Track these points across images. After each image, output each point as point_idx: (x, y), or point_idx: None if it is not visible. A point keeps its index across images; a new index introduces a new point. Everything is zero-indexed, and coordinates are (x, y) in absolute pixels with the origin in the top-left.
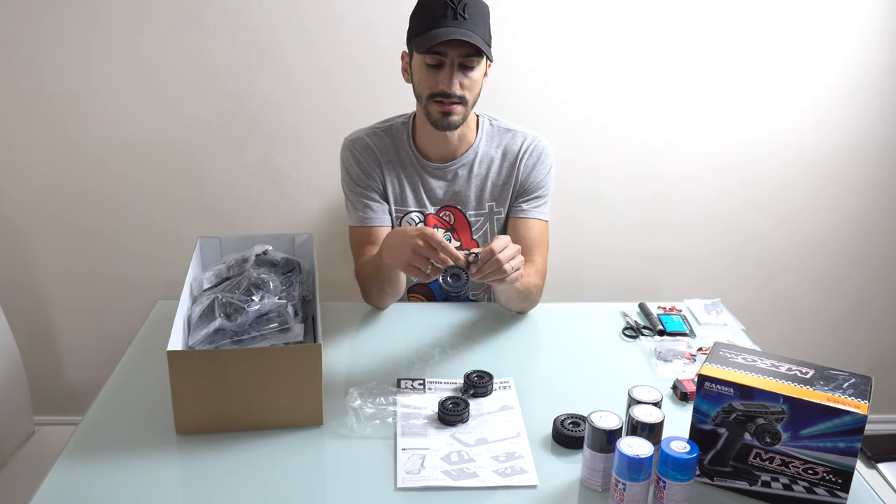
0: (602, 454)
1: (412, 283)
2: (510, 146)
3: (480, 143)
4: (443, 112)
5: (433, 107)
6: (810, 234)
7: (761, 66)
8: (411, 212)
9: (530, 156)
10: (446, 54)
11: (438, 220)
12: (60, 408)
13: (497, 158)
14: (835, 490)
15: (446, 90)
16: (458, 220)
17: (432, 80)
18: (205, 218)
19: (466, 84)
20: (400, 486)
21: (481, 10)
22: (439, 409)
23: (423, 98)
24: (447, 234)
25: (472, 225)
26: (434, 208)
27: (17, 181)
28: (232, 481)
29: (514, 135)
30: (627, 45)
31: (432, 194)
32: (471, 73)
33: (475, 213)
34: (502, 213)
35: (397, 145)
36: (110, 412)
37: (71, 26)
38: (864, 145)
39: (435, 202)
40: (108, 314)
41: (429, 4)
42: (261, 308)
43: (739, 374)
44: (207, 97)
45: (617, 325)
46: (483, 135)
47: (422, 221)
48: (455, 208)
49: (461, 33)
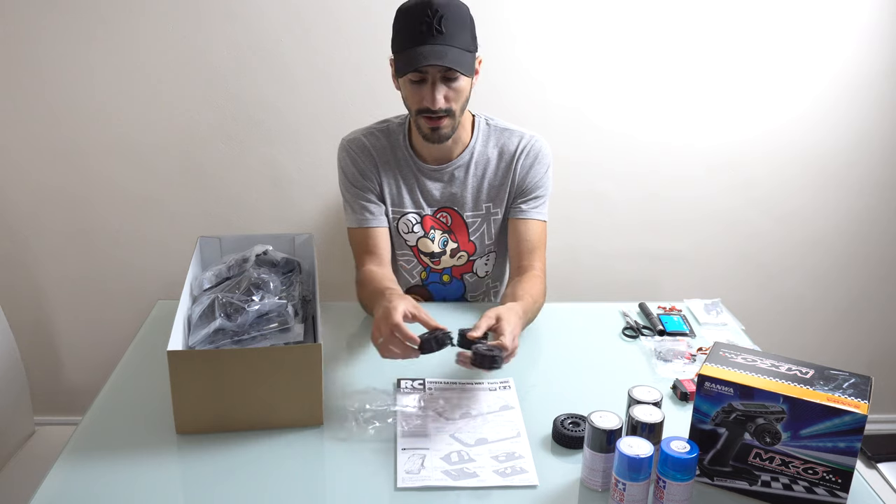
0: (602, 454)
1: (409, 283)
2: (506, 146)
3: (476, 144)
4: (431, 128)
5: (422, 122)
6: (810, 233)
7: (761, 67)
8: (408, 213)
9: (527, 156)
10: (427, 72)
11: (435, 221)
12: (60, 408)
13: (493, 159)
14: (835, 490)
15: (431, 107)
16: (455, 221)
17: (417, 97)
18: (205, 218)
19: (451, 96)
20: (400, 486)
21: (459, 17)
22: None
23: (412, 112)
24: (444, 237)
25: (469, 226)
26: (431, 210)
27: (17, 181)
28: (232, 481)
29: (511, 134)
30: (627, 45)
31: (429, 195)
32: (454, 85)
33: (472, 214)
34: (499, 214)
35: (394, 146)
36: (110, 412)
37: (71, 27)
38: (864, 145)
39: (432, 203)
40: (108, 314)
41: (406, 19)
42: (261, 308)
43: (739, 374)
44: (207, 97)
45: (617, 325)
46: (479, 134)
47: (419, 223)
48: (452, 209)
49: (438, 52)
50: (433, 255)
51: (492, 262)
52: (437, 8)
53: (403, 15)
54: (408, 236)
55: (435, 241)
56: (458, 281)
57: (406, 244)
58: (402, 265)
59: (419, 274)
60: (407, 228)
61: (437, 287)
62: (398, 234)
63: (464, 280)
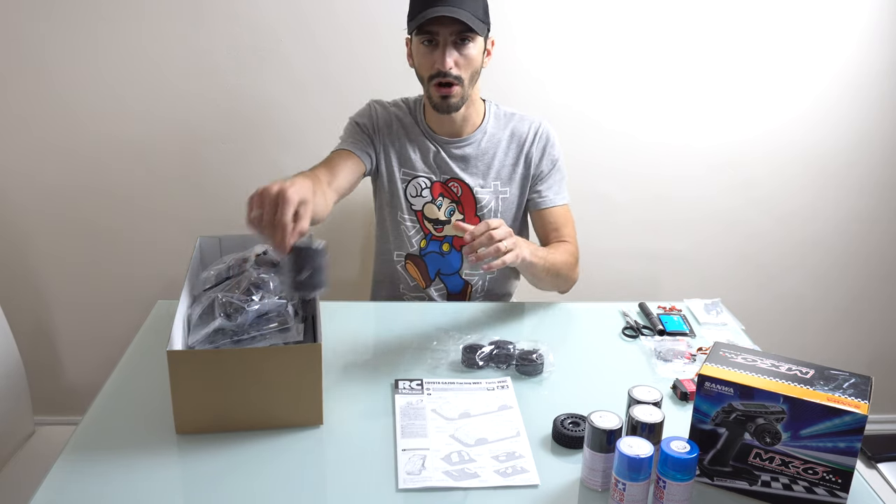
0: (602, 454)
1: (408, 251)
2: (518, 129)
3: (488, 125)
4: (441, 95)
5: (433, 90)
6: (810, 233)
7: (761, 67)
8: (419, 176)
9: (540, 139)
10: (438, 33)
11: (445, 188)
12: (60, 408)
13: (504, 139)
14: (835, 490)
15: (441, 69)
16: (465, 193)
17: (429, 61)
18: (205, 218)
19: (462, 62)
20: (402, 487)
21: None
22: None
23: (424, 81)
24: (451, 207)
25: (478, 201)
26: (443, 178)
27: (17, 181)
28: (232, 481)
29: (521, 119)
30: (627, 45)
31: (443, 164)
32: (465, 51)
33: (481, 189)
34: (507, 194)
35: (414, 118)
36: (110, 412)
37: (72, 26)
38: (864, 145)
39: (445, 171)
40: (108, 314)
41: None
42: (261, 308)
43: (739, 374)
44: (208, 97)
45: (617, 325)
46: (490, 117)
47: (428, 188)
48: (463, 182)
49: (448, 10)
50: (437, 222)
51: None
52: None
53: None
54: (414, 200)
55: (442, 209)
56: (457, 253)
57: (412, 208)
58: (405, 230)
59: (419, 242)
60: (415, 192)
61: (435, 258)
62: (405, 196)
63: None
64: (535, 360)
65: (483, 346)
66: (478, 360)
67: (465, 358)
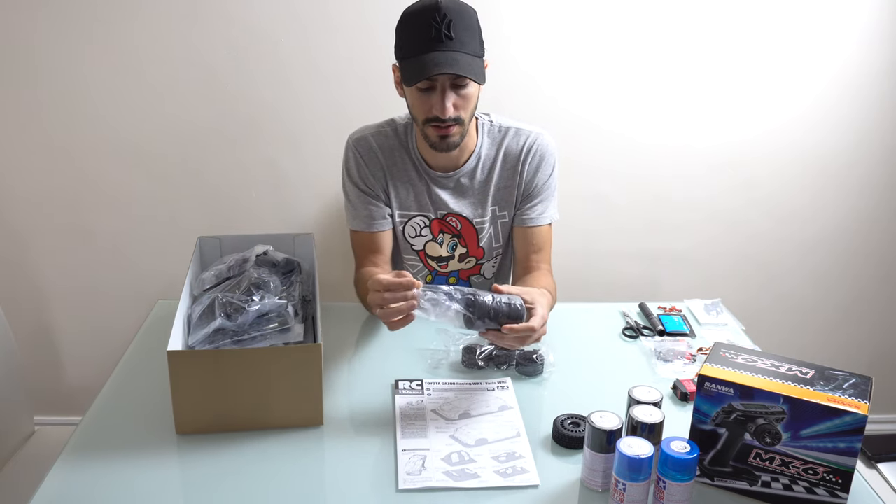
0: (602, 454)
1: None
2: (511, 147)
3: (482, 148)
4: (440, 136)
5: (430, 130)
6: (811, 234)
7: (762, 67)
8: (415, 216)
9: (533, 156)
10: (436, 79)
11: (444, 224)
12: (60, 408)
13: (499, 161)
14: (835, 490)
15: (440, 115)
16: (465, 226)
17: (426, 105)
18: (205, 218)
19: (460, 104)
20: (402, 487)
21: (467, 21)
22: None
23: (419, 121)
24: (453, 241)
25: (478, 232)
26: (440, 214)
27: (17, 181)
28: (232, 482)
29: (517, 133)
30: (627, 45)
31: (438, 200)
32: (463, 92)
33: (480, 219)
34: (506, 217)
35: (404, 147)
36: (110, 412)
37: (69, 26)
38: (864, 145)
39: (441, 208)
40: (108, 314)
41: (413, 23)
42: (261, 308)
43: (739, 374)
44: (207, 97)
45: (617, 325)
46: (484, 137)
47: (427, 227)
48: (461, 216)
49: (449, 60)
50: (441, 259)
51: (498, 263)
52: (445, 13)
53: (409, 20)
54: (414, 240)
55: (443, 246)
56: (464, 283)
57: (412, 248)
58: (408, 268)
59: (424, 278)
60: (414, 232)
61: None
62: (404, 238)
63: (470, 282)
64: (536, 360)
65: (483, 346)
66: (478, 360)
67: (465, 358)
